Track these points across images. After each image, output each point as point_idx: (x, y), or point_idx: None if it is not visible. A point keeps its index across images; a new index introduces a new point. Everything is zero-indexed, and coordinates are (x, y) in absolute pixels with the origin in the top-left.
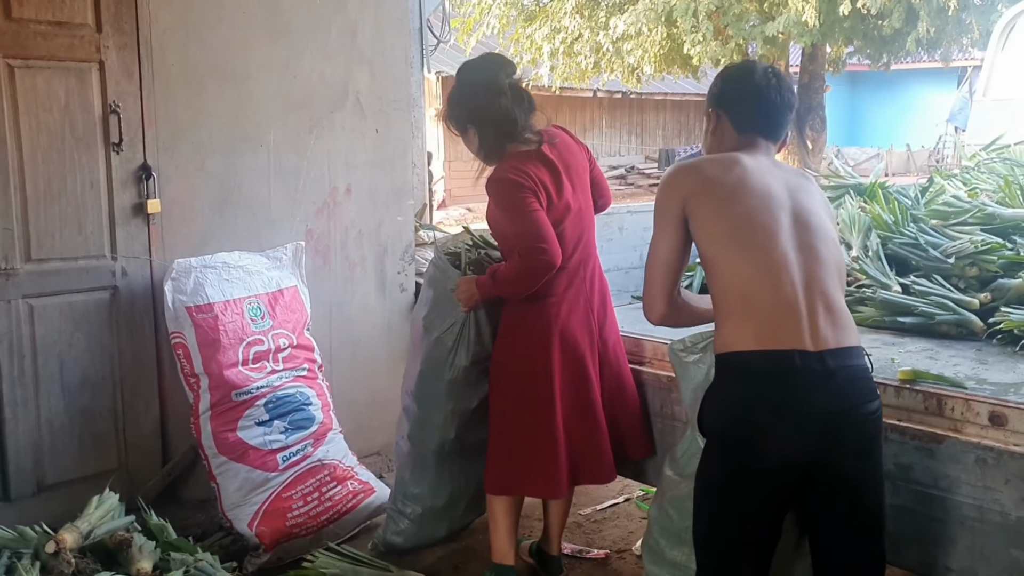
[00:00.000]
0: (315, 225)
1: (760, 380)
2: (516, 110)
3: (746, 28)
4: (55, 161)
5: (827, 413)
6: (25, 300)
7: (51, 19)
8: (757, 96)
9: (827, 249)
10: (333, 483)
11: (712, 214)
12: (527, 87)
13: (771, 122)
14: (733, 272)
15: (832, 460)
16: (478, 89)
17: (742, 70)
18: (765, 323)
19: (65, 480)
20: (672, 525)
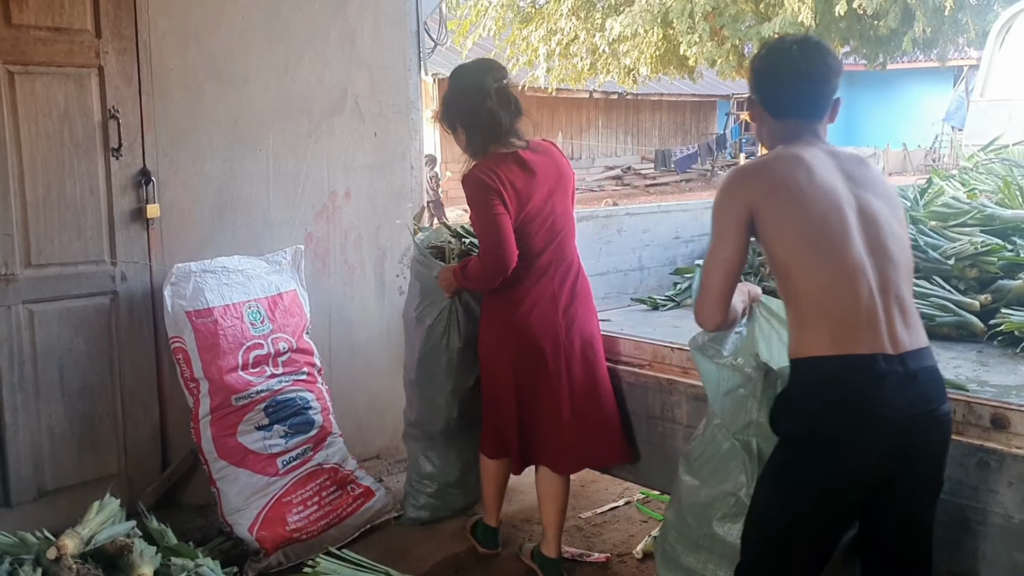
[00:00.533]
0: (314, 229)
1: (844, 385)
2: (501, 113)
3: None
4: (54, 166)
5: (912, 416)
6: (25, 305)
7: (51, 25)
8: (782, 75)
9: (898, 248)
10: (333, 487)
11: (784, 218)
12: (522, 90)
13: (804, 101)
14: (809, 277)
15: (915, 462)
16: (467, 91)
17: (767, 49)
18: (844, 328)
19: (65, 485)
20: (690, 532)
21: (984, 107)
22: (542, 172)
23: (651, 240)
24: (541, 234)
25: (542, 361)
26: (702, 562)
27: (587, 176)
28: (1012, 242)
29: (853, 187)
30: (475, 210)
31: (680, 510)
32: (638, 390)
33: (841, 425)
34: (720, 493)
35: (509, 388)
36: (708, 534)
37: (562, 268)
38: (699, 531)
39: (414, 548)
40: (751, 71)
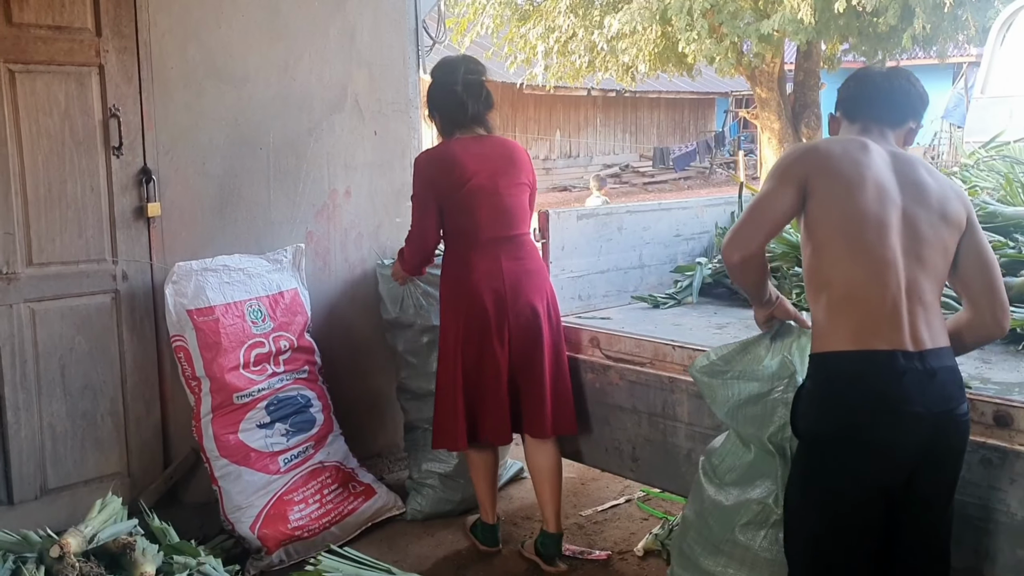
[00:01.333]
0: (315, 227)
1: (865, 382)
2: (469, 102)
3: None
4: (55, 165)
5: (934, 414)
6: (27, 304)
7: (51, 24)
8: (866, 85)
9: (933, 257)
10: (335, 485)
11: (832, 199)
12: (520, 88)
13: (882, 106)
14: (839, 265)
15: (936, 462)
16: (441, 80)
17: (856, 74)
18: (867, 323)
19: (68, 484)
20: (711, 535)
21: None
22: (492, 154)
23: (651, 238)
24: (485, 209)
25: (484, 335)
26: (721, 566)
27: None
28: (1014, 239)
29: (905, 192)
30: (413, 194)
31: (702, 512)
32: (639, 388)
33: (864, 423)
34: (746, 500)
35: (454, 363)
36: (730, 539)
37: (510, 245)
38: (720, 535)
39: (415, 545)
40: (840, 91)
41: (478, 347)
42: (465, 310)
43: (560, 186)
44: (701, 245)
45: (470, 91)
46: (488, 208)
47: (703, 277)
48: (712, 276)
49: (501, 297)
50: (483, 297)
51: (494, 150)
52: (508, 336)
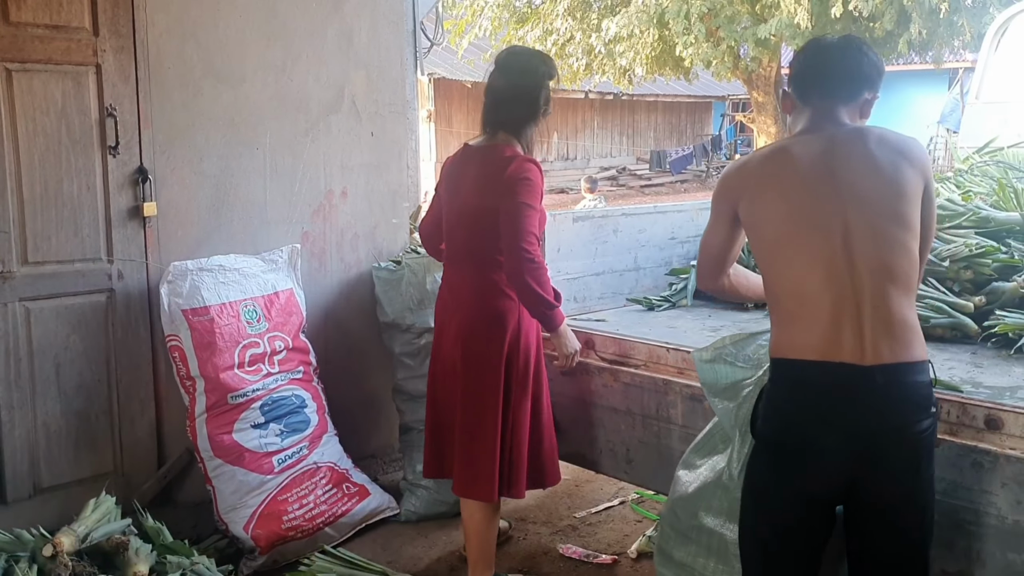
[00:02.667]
0: (311, 228)
1: (808, 391)
2: (487, 105)
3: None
4: (51, 164)
5: (872, 431)
6: (21, 303)
7: (48, 23)
8: (816, 59)
9: (890, 254)
10: (329, 486)
11: (761, 218)
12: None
13: (833, 82)
14: (783, 279)
15: (875, 479)
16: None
17: (805, 46)
18: (813, 333)
19: (61, 483)
20: (679, 524)
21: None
22: (474, 165)
23: (647, 241)
24: (450, 230)
25: (444, 364)
26: (691, 555)
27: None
28: (1007, 244)
29: (847, 194)
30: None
31: (672, 504)
32: (633, 390)
33: (804, 431)
34: (705, 483)
35: (430, 391)
36: (696, 526)
37: (465, 269)
38: (687, 524)
39: (409, 547)
40: (792, 65)
41: (439, 379)
42: (436, 338)
43: (557, 188)
44: (696, 248)
45: (488, 95)
46: (451, 225)
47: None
48: None
49: (445, 326)
50: (439, 320)
51: (480, 162)
52: (453, 371)
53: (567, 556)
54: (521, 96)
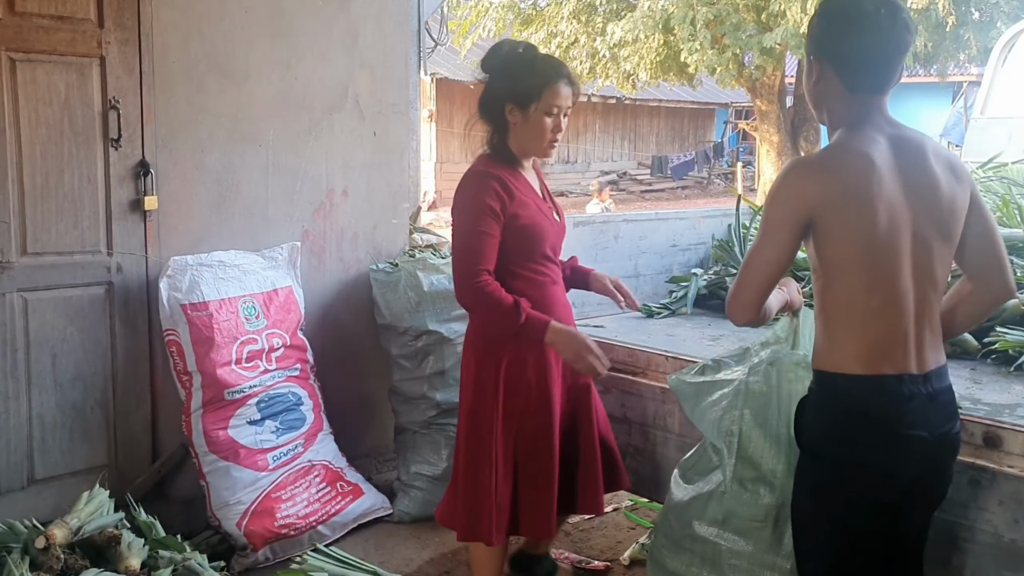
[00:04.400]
0: (311, 226)
1: (872, 407)
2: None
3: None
4: (53, 155)
5: (935, 436)
6: (19, 293)
7: (54, 13)
8: (868, 43)
9: (941, 272)
10: (323, 484)
11: (848, 234)
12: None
13: (885, 73)
14: (856, 297)
15: (931, 481)
16: None
17: (847, 6)
18: (877, 348)
19: (55, 475)
20: (672, 532)
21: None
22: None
23: (648, 247)
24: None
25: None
26: (685, 564)
27: (582, 180)
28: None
29: (915, 207)
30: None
31: (666, 513)
32: (631, 398)
33: (869, 446)
34: (701, 494)
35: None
36: (690, 535)
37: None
38: (681, 533)
39: (402, 547)
40: (821, 26)
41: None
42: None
43: (557, 191)
44: (697, 256)
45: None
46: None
47: (698, 288)
48: (707, 287)
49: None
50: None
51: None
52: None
53: (560, 561)
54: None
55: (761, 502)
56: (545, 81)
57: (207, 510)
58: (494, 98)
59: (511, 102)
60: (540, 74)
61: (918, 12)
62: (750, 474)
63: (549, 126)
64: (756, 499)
